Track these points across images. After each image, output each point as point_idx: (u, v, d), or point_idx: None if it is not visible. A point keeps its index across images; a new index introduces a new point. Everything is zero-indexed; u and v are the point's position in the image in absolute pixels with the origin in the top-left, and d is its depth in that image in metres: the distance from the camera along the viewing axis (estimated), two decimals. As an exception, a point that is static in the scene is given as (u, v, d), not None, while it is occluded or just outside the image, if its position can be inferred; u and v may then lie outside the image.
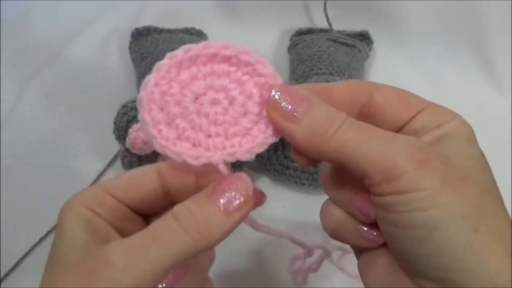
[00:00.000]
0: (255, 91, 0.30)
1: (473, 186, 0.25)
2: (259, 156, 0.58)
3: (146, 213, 0.32)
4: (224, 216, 0.27)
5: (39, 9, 0.81)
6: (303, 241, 0.37)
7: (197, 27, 0.74)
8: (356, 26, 0.73)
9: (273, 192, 0.59)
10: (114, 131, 0.56)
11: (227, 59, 0.30)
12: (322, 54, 0.65)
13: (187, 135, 0.30)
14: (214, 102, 0.30)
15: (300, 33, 0.73)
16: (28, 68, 0.74)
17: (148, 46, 0.67)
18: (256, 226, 0.32)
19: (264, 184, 0.60)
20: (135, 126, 0.53)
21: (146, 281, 0.25)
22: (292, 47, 0.71)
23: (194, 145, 0.30)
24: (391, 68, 0.73)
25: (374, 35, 0.73)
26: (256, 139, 0.30)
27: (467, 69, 0.72)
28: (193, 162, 0.29)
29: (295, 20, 0.76)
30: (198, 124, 0.30)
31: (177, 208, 0.27)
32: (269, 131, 0.29)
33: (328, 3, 0.73)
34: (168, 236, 0.26)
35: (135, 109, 0.53)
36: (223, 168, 0.29)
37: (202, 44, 0.30)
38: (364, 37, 0.73)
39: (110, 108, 0.57)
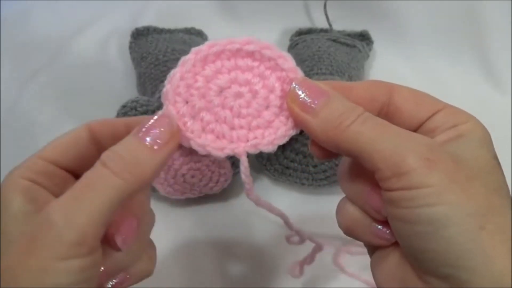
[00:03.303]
0: (277, 85, 0.31)
1: (481, 185, 0.25)
2: (259, 156, 0.58)
3: None
4: (152, 153, 0.27)
5: (39, 8, 0.81)
6: (293, 225, 0.37)
7: (197, 27, 0.74)
8: (356, 26, 0.73)
9: (273, 192, 0.59)
10: (114, 131, 0.56)
11: (250, 54, 0.31)
12: (322, 54, 0.65)
13: (212, 127, 0.31)
14: (238, 95, 0.31)
15: (300, 33, 0.73)
16: (28, 67, 0.74)
17: (148, 46, 0.67)
18: (258, 202, 0.33)
19: (264, 184, 0.60)
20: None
21: (88, 232, 0.25)
22: (292, 47, 0.71)
23: (218, 137, 0.31)
24: (391, 68, 0.73)
25: (374, 35, 0.73)
26: (278, 131, 0.31)
27: (467, 69, 0.72)
28: (218, 153, 0.30)
29: (295, 20, 0.76)
30: (223, 116, 0.31)
31: (104, 154, 0.27)
32: (290, 124, 0.31)
33: (328, 3, 0.73)
34: (99, 183, 0.26)
35: (135, 109, 0.53)
36: (244, 160, 0.30)
37: (226, 39, 0.31)
38: (364, 37, 0.73)
39: (110, 108, 0.57)
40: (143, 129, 0.28)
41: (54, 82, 0.72)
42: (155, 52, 0.65)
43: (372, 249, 0.31)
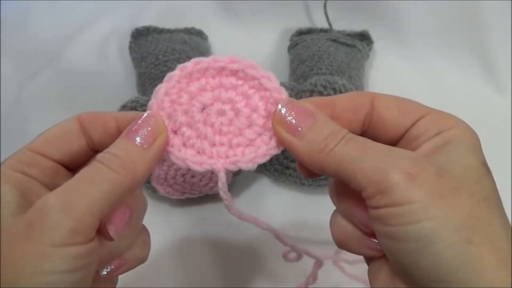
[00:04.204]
0: (260, 104, 0.31)
1: (467, 196, 0.25)
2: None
3: (77, 168, 0.32)
4: (143, 151, 0.29)
5: (39, 8, 0.81)
6: (286, 239, 0.37)
7: (197, 27, 0.74)
8: (356, 26, 0.73)
9: (273, 192, 0.59)
10: (114, 131, 0.56)
11: (234, 73, 0.31)
12: (322, 54, 0.65)
13: (192, 142, 0.31)
14: (221, 113, 0.31)
15: (300, 33, 0.73)
16: (28, 67, 0.74)
17: (148, 46, 0.68)
18: (241, 216, 0.33)
19: (264, 184, 0.60)
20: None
21: (85, 221, 0.26)
22: (292, 47, 0.71)
23: (198, 152, 0.31)
24: (391, 68, 0.73)
25: (374, 35, 0.73)
26: (259, 150, 0.31)
27: (467, 69, 0.72)
28: (196, 168, 0.30)
29: (295, 20, 0.76)
30: (204, 133, 0.31)
31: (100, 155, 0.28)
32: (272, 143, 0.31)
33: (328, 3, 0.73)
34: (96, 176, 0.27)
35: (135, 109, 0.53)
36: (222, 176, 0.30)
37: (211, 57, 0.31)
38: (364, 37, 0.73)
39: (110, 108, 0.56)
40: (132, 131, 0.29)
41: (54, 82, 0.72)
42: (155, 52, 0.65)
43: (369, 259, 0.31)
